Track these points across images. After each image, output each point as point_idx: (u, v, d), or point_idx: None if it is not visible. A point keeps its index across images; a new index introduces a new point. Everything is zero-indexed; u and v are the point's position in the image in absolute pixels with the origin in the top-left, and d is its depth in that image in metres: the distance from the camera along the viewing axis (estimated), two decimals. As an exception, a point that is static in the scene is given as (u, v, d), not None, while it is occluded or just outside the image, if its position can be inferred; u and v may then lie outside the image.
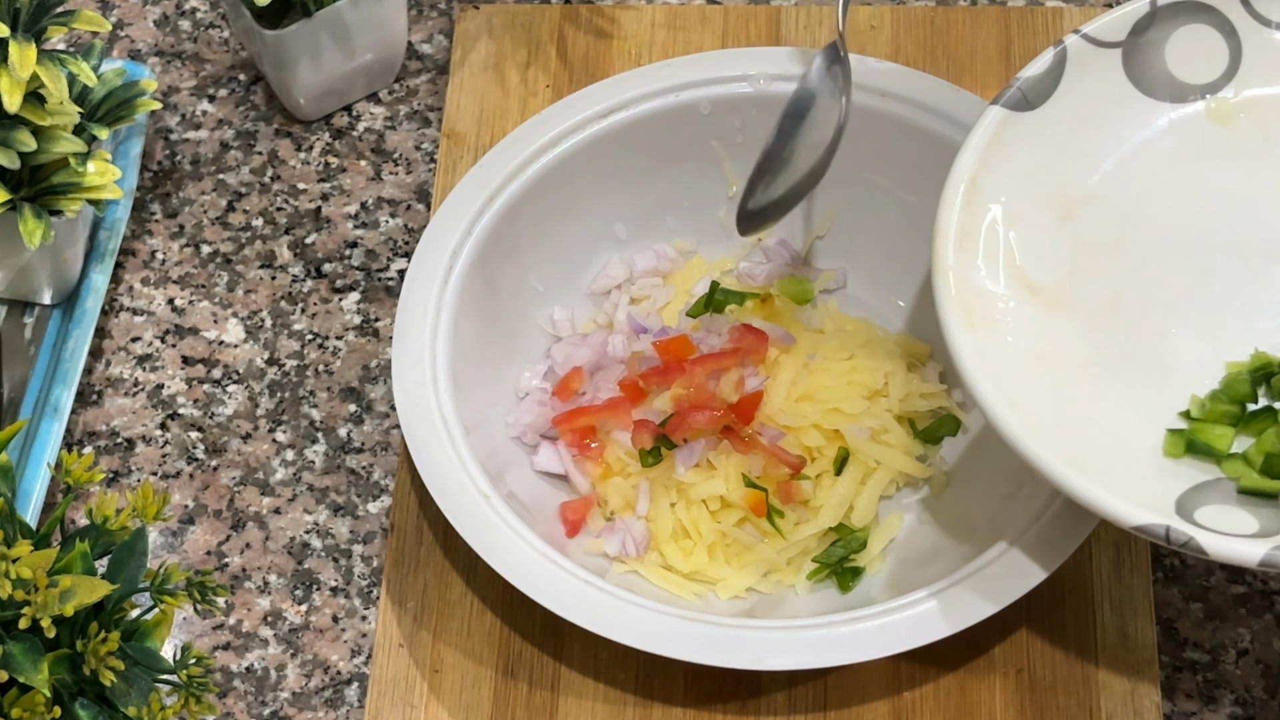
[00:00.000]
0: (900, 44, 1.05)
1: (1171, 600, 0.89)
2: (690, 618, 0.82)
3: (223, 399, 0.97)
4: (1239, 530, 0.74)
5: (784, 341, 0.92)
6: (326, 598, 0.91)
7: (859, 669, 0.85)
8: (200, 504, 0.94)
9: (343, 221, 1.02)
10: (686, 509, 0.89)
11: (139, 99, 0.95)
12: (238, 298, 1.00)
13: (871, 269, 0.97)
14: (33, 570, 0.67)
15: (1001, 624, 0.87)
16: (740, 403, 0.89)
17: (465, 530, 0.84)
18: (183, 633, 0.90)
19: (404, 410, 0.87)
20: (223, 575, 0.92)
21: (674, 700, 0.87)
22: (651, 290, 0.96)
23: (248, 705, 0.88)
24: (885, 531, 0.90)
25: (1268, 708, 0.86)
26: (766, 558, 0.88)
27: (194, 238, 1.02)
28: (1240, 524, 0.75)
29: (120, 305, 1.00)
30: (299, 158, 1.04)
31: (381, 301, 0.99)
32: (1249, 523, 0.75)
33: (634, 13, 1.06)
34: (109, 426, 0.96)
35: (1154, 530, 0.74)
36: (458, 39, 1.06)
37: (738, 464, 0.89)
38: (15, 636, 0.68)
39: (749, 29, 1.06)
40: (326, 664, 0.89)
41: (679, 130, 0.95)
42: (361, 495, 0.94)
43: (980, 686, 0.87)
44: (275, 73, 1.02)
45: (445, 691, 0.88)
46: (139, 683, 0.70)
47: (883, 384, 0.92)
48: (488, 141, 1.02)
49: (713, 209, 0.98)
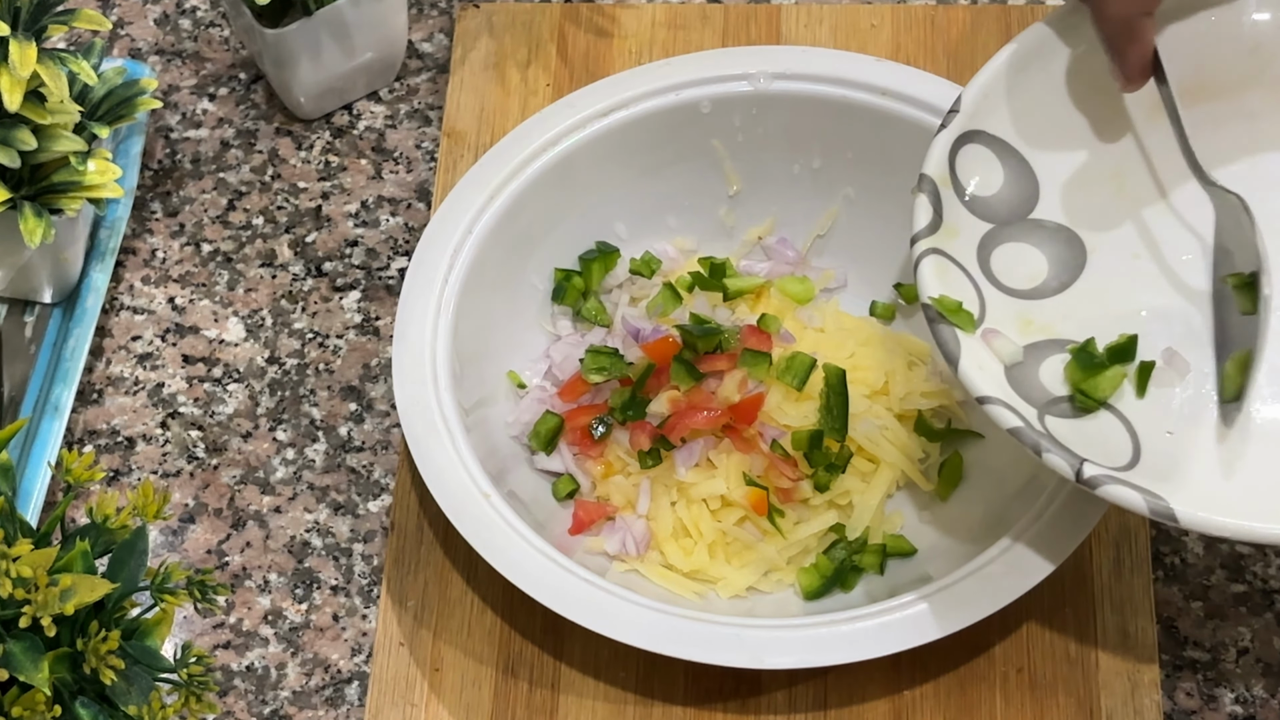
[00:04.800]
0: (900, 43, 1.05)
1: (1172, 599, 0.89)
2: (691, 617, 0.82)
3: (223, 398, 0.97)
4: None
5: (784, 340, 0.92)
6: (327, 596, 0.91)
7: (859, 668, 0.85)
8: (200, 503, 0.94)
9: (343, 220, 1.02)
10: (687, 508, 0.89)
11: (139, 98, 0.95)
12: (238, 296, 1.00)
13: (871, 269, 0.97)
14: (33, 569, 0.67)
15: (1002, 623, 0.87)
16: (741, 403, 0.89)
17: (465, 529, 0.84)
18: (183, 631, 0.90)
19: (404, 409, 0.87)
20: (223, 574, 0.92)
21: (674, 699, 0.87)
22: (651, 289, 0.96)
23: (248, 704, 0.88)
24: (885, 530, 0.90)
25: (1268, 707, 0.86)
26: (767, 557, 0.88)
27: (194, 236, 1.02)
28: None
29: (121, 304, 1.00)
30: (299, 156, 1.04)
31: (382, 300, 0.99)
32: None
33: (634, 11, 1.06)
34: (109, 425, 0.96)
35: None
36: (458, 38, 1.06)
37: (739, 463, 0.89)
38: (16, 635, 0.68)
39: (749, 28, 1.06)
40: (327, 663, 0.89)
41: (679, 129, 0.95)
42: (362, 494, 0.94)
43: (980, 685, 0.87)
44: (276, 71, 1.02)
45: (446, 690, 0.88)
46: (139, 681, 0.70)
47: (883, 383, 0.92)
48: (488, 140, 1.02)
49: (713, 208, 0.98)
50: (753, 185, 0.97)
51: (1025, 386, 0.81)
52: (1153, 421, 0.81)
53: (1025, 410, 0.79)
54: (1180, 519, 0.75)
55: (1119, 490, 0.76)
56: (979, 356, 0.80)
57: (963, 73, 1.02)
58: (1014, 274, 0.84)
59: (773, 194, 0.98)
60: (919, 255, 0.82)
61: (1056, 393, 0.81)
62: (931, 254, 0.82)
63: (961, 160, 0.84)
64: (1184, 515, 0.75)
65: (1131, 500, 0.75)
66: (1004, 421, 0.78)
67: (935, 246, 0.82)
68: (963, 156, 0.84)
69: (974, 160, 0.85)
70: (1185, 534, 0.91)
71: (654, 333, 0.93)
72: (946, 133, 0.84)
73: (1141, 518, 0.90)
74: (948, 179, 0.84)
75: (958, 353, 0.80)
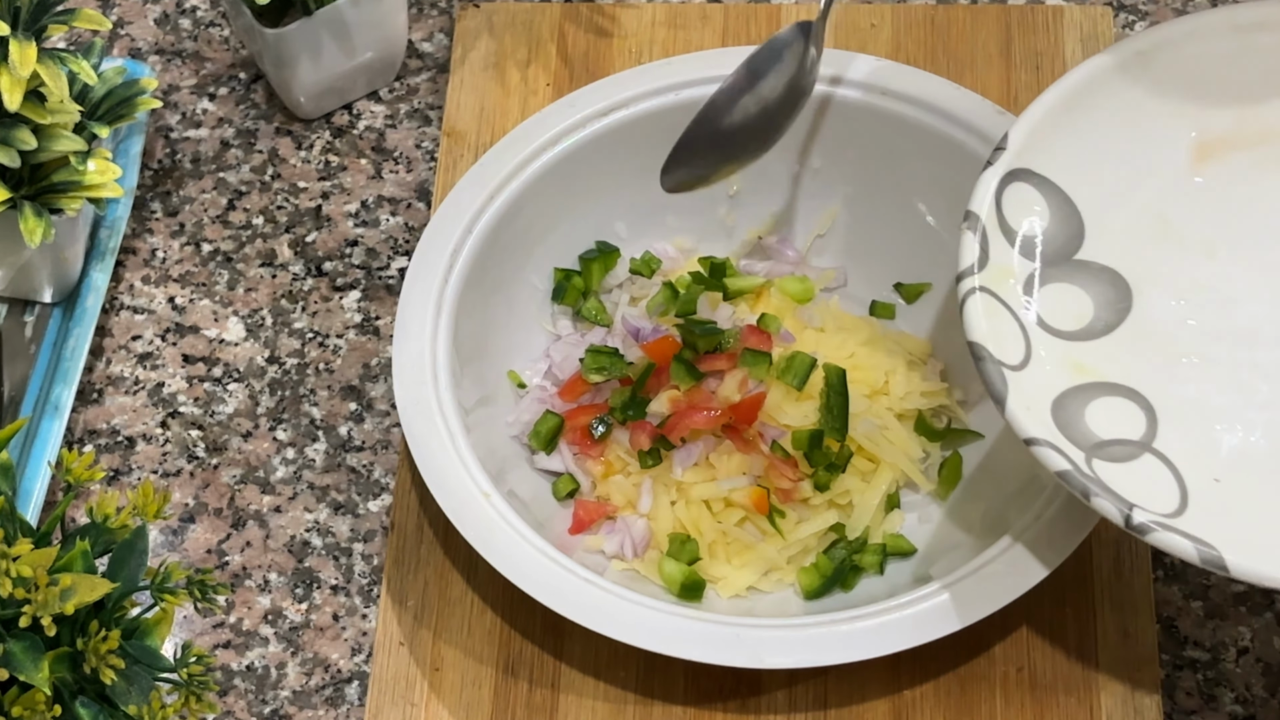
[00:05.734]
0: (900, 42, 1.05)
1: (1172, 599, 0.89)
2: (691, 616, 0.82)
3: (223, 397, 0.97)
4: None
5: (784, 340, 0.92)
6: (327, 596, 0.91)
7: (859, 667, 0.85)
8: (201, 502, 0.94)
9: (343, 220, 1.02)
10: (687, 508, 0.89)
11: (139, 97, 0.95)
12: (238, 296, 1.00)
13: (871, 269, 0.97)
14: (33, 569, 0.67)
15: (1002, 622, 0.87)
16: (741, 403, 0.89)
17: (466, 529, 0.84)
18: (183, 631, 0.90)
19: (404, 408, 0.87)
20: (223, 574, 0.92)
21: (674, 698, 0.87)
22: (651, 289, 0.96)
23: (248, 704, 0.88)
24: (885, 530, 0.90)
25: (1268, 706, 0.86)
26: (767, 556, 0.88)
27: (194, 236, 1.02)
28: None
29: (121, 304, 1.00)
30: (299, 156, 1.04)
31: (382, 300, 0.99)
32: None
33: (634, 11, 1.06)
34: (109, 425, 0.96)
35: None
36: (458, 37, 1.06)
37: (739, 464, 0.89)
38: (16, 635, 0.68)
39: (749, 27, 1.06)
40: (327, 662, 0.89)
41: (679, 129, 0.95)
42: (362, 494, 0.94)
43: (981, 685, 0.87)
44: (276, 71, 1.02)
45: (446, 690, 0.88)
46: (139, 681, 0.70)
47: (884, 382, 0.92)
48: (488, 140, 1.02)
49: (713, 207, 0.98)
50: (753, 185, 0.97)
51: (1072, 429, 0.80)
52: (1200, 468, 0.80)
53: (1073, 453, 0.78)
54: (1232, 569, 0.74)
55: (1169, 538, 0.75)
56: (1026, 397, 0.79)
57: (962, 73, 1.03)
58: (1060, 315, 0.84)
59: (773, 194, 0.98)
60: (965, 293, 0.82)
61: (1103, 435, 0.81)
62: (978, 293, 0.82)
63: (1008, 198, 0.84)
64: (1235, 565, 0.74)
65: (1182, 548, 0.75)
66: (1052, 464, 0.77)
67: (982, 285, 0.82)
68: (1009, 195, 0.84)
69: (1020, 199, 0.84)
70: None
71: (654, 332, 0.93)
72: (993, 170, 0.84)
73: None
74: (994, 217, 0.83)
75: (1005, 393, 0.79)
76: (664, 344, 0.91)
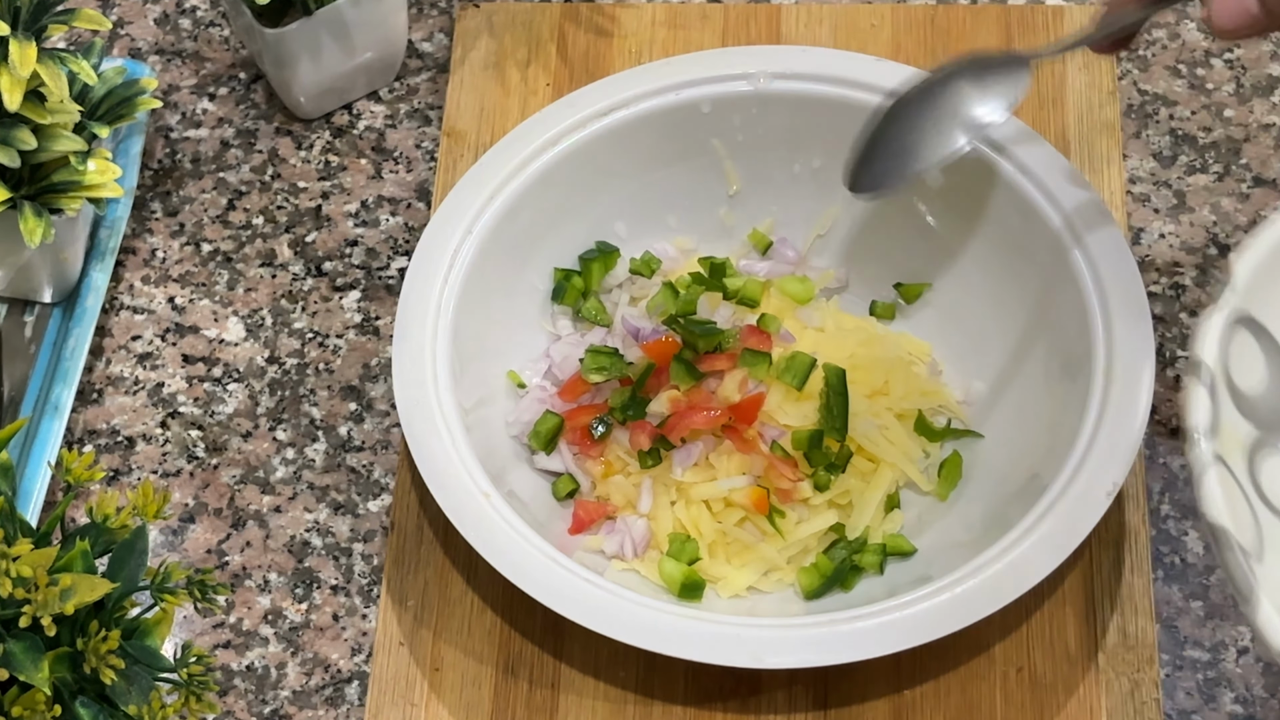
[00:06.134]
0: (900, 43, 1.05)
1: (1172, 599, 0.89)
2: (691, 616, 0.82)
3: (223, 397, 0.97)
4: None
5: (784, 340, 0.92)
6: (327, 596, 0.91)
7: (859, 667, 0.85)
8: (200, 502, 0.94)
9: (343, 220, 1.02)
10: (687, 508, 0.89)
11: (139, 97, 0.95)
12: (238, 296, 1.00)
13: (871, 269, 0.97)
14: (33, 569, 0.67)
15: (1002, 622, 0.87)
16: (741, 403, 0.89)
17: (465, 529, 0.84)
18: (183, 631, 0.90)
19: (404, 408, 0.87)
20: (223, 574, 0.92)
21: (674, 698, 0.87)
22: (651, 289, 0.96)
23: (248, 704, 0.88)
24: (885, 530, 0.90)
25: (1268, 706, 0.86)
26: (767, 557, 0.88)
27: (194, 236, 1.02)
28: None
29: (121, 304, 1.00)
30: (299, 156, 1.04)
31: (382, 300, 0.99)
32: None
33: (634, 11, 1.06)
34: (109, 425, 0.96)
35: None
36: (458, 37, 1.06)
37: (739, 464, 0.89)
38: (16, 635, 0.68)
39: (749, 27, 1.06)
40: (327, 662, 0.89)
41: (679, 129, 0.95)
42: (362, 494, 0.94)
43: (981, 685, 0.87)
44: (275, 71, 1.02)
45: (446, 690, 0.88)
46: (139, 681, 0.70)
47: (883, 382, 0.92)
48: (488, 140, 1.02)
49: (713, 208, 0.98)
50: (753, 185, 0.97)
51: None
52: None
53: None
54: None
55: None
56: (1274, 595, 0.67)
57: (963, 72, 1.02)
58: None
59: (773, 194, 0.98)
60: (1203, 466, 0.68)
61: None
62: (1216, 465, 0.68)
63: (1235, 349, 0.71)
64: None
65: None
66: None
67: (1218, 454, 0.68)
68: (1235, 345, 0.71)
69: (1242, 349, 0.71)
70: (1185, 534, 0.91)
71: (654, 332, 0.93)
72: (1220, 312, 0.70)
73: (1141, 516, 0.90)
74: (1223, 370, 0.70)
75: (1253, 590, 0.67)
76: (664, 344, 0.91)
